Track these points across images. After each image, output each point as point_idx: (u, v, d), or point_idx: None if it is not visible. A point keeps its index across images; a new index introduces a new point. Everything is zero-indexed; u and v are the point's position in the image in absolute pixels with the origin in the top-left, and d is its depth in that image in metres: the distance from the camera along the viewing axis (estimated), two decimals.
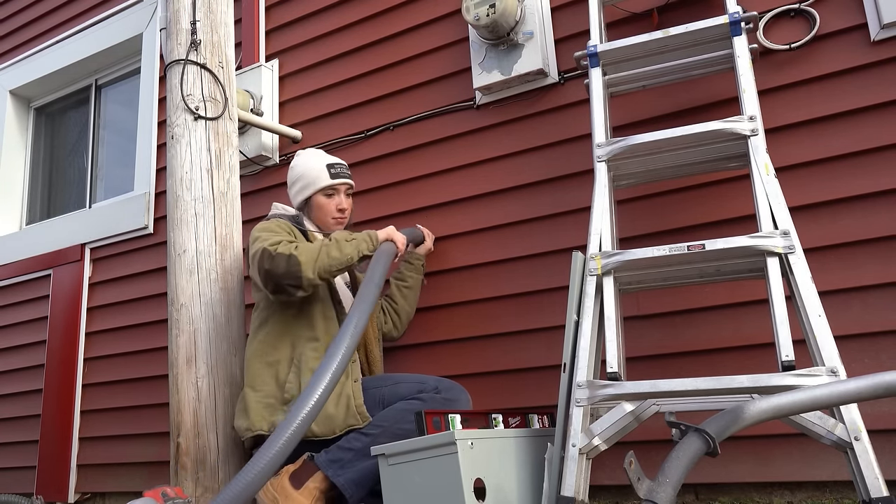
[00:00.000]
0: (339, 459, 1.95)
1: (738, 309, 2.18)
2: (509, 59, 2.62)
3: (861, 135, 2.10)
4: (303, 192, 2.37)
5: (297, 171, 2.39)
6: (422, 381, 2.10)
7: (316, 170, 2.36)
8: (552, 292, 2.48)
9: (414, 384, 2.09)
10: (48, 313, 3.86)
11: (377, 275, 2.06)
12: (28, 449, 3.78)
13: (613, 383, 1.74)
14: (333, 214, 2.36)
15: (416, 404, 2.00)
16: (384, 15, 3.08)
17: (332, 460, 1.95)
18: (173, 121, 2.46)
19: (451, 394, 2.06)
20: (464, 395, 2.13)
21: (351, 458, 1.95)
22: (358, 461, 1.94)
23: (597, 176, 2.01)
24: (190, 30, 2.50)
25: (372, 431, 1.98)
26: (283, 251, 2.04)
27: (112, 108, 4.29)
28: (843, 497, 1.99)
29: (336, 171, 2.37)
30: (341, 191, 2.38)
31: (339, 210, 2.37)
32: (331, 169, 2.36)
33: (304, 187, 2.37)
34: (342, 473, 1.93)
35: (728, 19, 2.01)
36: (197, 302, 2.33)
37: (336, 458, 1.96)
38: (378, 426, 1.98)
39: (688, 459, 1.17)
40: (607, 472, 2.23)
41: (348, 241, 2.14)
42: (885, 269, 2.01)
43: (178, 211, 2.40)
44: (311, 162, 2.38)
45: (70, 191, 4.36)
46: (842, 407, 1.53)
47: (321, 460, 1.96)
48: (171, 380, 2.32)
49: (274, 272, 2.02)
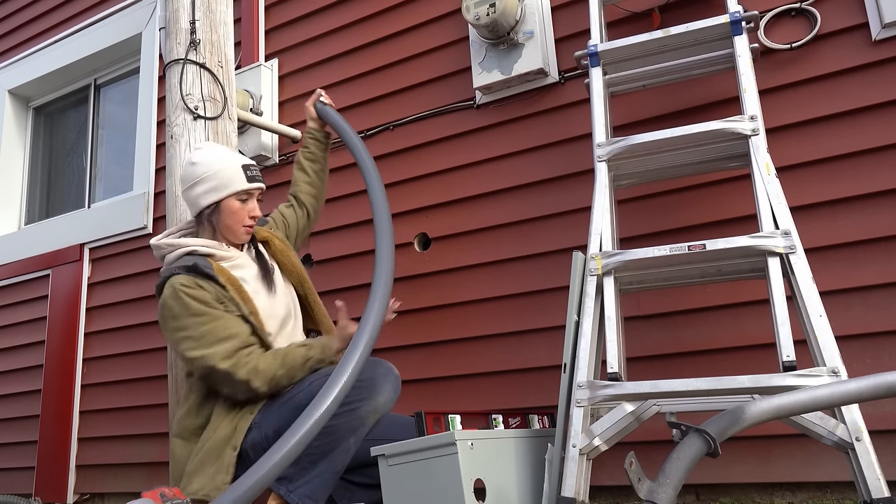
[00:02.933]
0: (284, 476, 1.85)
1: (738, 309, 2.17)
2: (509, 59, 2.62)
3: (862, 135, 2.09)
4: (212, 194, 2.03)
5: (203, 167, 2.03)
6: (327, 372, 1.91)
7: (231, 170, 2.04)
8: (552, 292, 2.47)
9: (325, 378, 1.85)
10: (47, 313, 3.86)
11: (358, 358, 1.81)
12: (27, 449, 3.78)
13: (614, 384, 1.74)
14: (245, 222, 2.07)
15: None
16: (384, 14, 3.07)
17: (280, 478, 1.85)
18: (172, 120, 2.45)
19: (363, 373, 1.84)
20: (380, 368, 1.91)
21: (296, 472, 1.85)
22: (305, 472, 1.85)
23: (597, 176, 2.00)
24: (189, 29, 2.50)
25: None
26: (242, 377, 1.88)
27: (111, 107, 4.29)
28: (845, 498, 1.99)
29: (252, 174, 2.07)
30: (255, 196, 2.09)
31: (252, 217, 2.08)
32: (247, 171, 2.06)
33: (214, 188, 2.03)
34: (294, 489, 1.85)
35: (729, 19, 2.01)
36: None
37: (283, 475, 1.84)
38: None
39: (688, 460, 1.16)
40: (608, 472, 2.23)
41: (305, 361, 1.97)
42: (887, 268, 2.01)
43: (177, 210, 2.39)
44: (223, 160, 2.06)
45: (69, 191, 4.35)
46: (843, 407, 1.53)
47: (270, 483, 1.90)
48: (170, 380, 2.32)
49: (231, 393, 1.93)
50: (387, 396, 1.90)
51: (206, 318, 1.91)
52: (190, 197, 2.07)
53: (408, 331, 2.73)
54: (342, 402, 1.76)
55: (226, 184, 2.03)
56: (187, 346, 1.91)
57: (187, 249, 2.03)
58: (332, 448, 1.87)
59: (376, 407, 1.88)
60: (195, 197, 2.05)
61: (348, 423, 1.85)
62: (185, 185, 2.07)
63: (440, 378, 2.64)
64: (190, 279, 1.94)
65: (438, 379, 2.64)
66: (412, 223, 2.81)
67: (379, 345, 2.74)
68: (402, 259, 2.80)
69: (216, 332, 1.90)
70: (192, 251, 2.02)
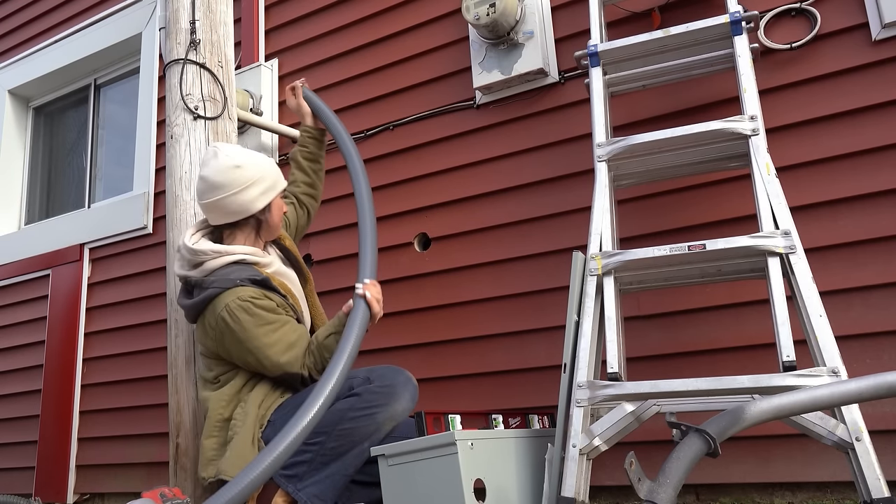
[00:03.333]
0: (294, 475, 1.89)
1: (738, 309, 2.17)
2: (509, 59, 2.61)
3: (862, 135, 2.09)
4: (269, 194, 2.06)
5: (252, 169, 2.03)
6: (351, 376, 1.97)
7: (275, 168, 2.10)
8: (552, 292, 2.47)
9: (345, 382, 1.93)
10: (47, 313, 3.86)
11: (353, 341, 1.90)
12: (27, 449, 3.77)
13: (614, 384, 1.74)
14: (281, 216, 2.15)
15: (352, 401, 1.91)
16: (384, 14, 3.07)
17: (289, 476, 1.89)
18: (172, 120, 2.45)
19: (384, 380, 1.93)
20: (400, 377, 1.96)
21: (307, 471, 1.89)
22: (316, 472, 1.89)
23: (597, 176, 2.00)
24: (189, 29, 2.50)
25: (317, 439, 1.89)
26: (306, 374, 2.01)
27: (111, 107, 4.29)
28: (845, 498, 1.99)
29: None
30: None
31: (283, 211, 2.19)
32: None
33: (269, 189, 2.06)
34: (302, 487, 1.88)
35: (729, 19, 2.01)
36: None
37: (291, 473, 1.89)
38: (322, 432, 1.88)
39: (688, 460, 1.16)
40: (608, 472, 2.23)
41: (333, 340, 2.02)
42: (887, 268, 2.01)
43: (177, 210, 2.39)
44: (265, 159, 2.09)
45: (69, 191, 4.35)
46: (843, 407, 1.53)
47: (279, 477, 1.90)
48: (170, 380, 2.31)
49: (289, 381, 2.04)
50: (405, 405, 1.95)
51: (276, 324, 1.98)
52: (239, 201, 2.01)
53: (408, 331, 2.73)
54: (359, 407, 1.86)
55: (276, 182, 2.08)
56: (265, 354, 1.96)
57: (235, 258, 2.02)
58: (347, 451, 1.90)
59: (394, 414, 1.92)
60: (249, 200, 2.02)
61: (365, 428, 1.89)
62: (232, 190, 2.00)
63: (440, 378, 2.64)
64: (258, 291, 1.99)
65: (438, 379, 2.64)
66: (412, 223, 2.80)
67: (379, 345, 2.74)
68: (402, 259, 2.81)
69: (287, 337, 1.99)
70: (241, 260, 2.03)
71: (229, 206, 2.02)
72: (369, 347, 2.72)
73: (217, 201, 2.01)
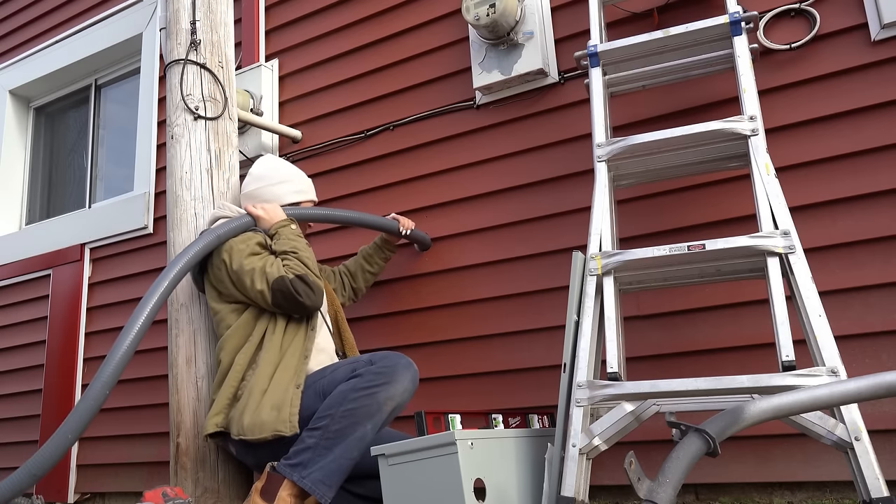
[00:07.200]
0: (299, 462, 1.89)
1: (738, 309, 2.18)
2: (509, 59, 2.62)
3: (861, 135, 2.10)
4: (298, 194, 2.40)
5: (286, 171, 2.40)
6: (355, 360, 2.04)
7: (307, 180, 2.45)
8: (552, 292, 2.47)
9: (348, 365, 2.03)
10: (48, 313, 3.86)
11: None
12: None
13: (613, 383, 1.74)
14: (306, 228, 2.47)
15: (354, 381, 1.94)
16: (384, 15, 3.08)
17: (293, 464, 1.90)
18: (173, 121, 2.45)
19: (386, 361, 1.97)
20: (402, 360, 2.00)
21: (311, 457, 1.89)
22: (320, 458, 1.88)
23: (597, 176, 2.01)
24: (190, 29, 2.50)
25: (321, 423, 1.91)
26: (315, 281, 2.12)
27: (112, 107, 4.29)
28: (844, 497, 1.99)
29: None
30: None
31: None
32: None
33: (300, 190, 2.40)
34: (307, 475, 1.87)
35: (728, 19, 2.01)
36: (197, 302, 2.33)
37: (296, 461, 1.90)
38: (325, 415, 1.91)
39: (688, 459, 1.16)
40: (607, 472, 2.23)
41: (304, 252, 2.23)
42: (886, 268, 2.01)
43: (177, 211, 2.39)
44: (301, 172, 2.45)
45: (70, 191, 4.35)
46: (842, 407, 1.53)
47: (282, 467, 1.91)
48: (170, 380, 2.32)
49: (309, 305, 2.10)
50: (405, 386, 1.96)
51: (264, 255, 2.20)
52: (274, 192, 2.35)
53: (408, 331, 2.74)
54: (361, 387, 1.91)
55: (307, 189, 2.43)
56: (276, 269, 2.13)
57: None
58: (350, 433, 1.90)
59: (394, 394, 1.93)
60: (282, 193, 2.36)
61: (367, 408, 1.90)
62: (267, 182, 2.35)
63: (440, 378, 2.64)
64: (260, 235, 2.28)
65: (438, 378, 2.65)
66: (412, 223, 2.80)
67: (380, 345, 2.75)
68: (401, 259, 2.81)
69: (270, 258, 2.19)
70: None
71: (264, 194, 2.34)
72: (369, 347, 2.72)
73: (255, 190, 2.35)
